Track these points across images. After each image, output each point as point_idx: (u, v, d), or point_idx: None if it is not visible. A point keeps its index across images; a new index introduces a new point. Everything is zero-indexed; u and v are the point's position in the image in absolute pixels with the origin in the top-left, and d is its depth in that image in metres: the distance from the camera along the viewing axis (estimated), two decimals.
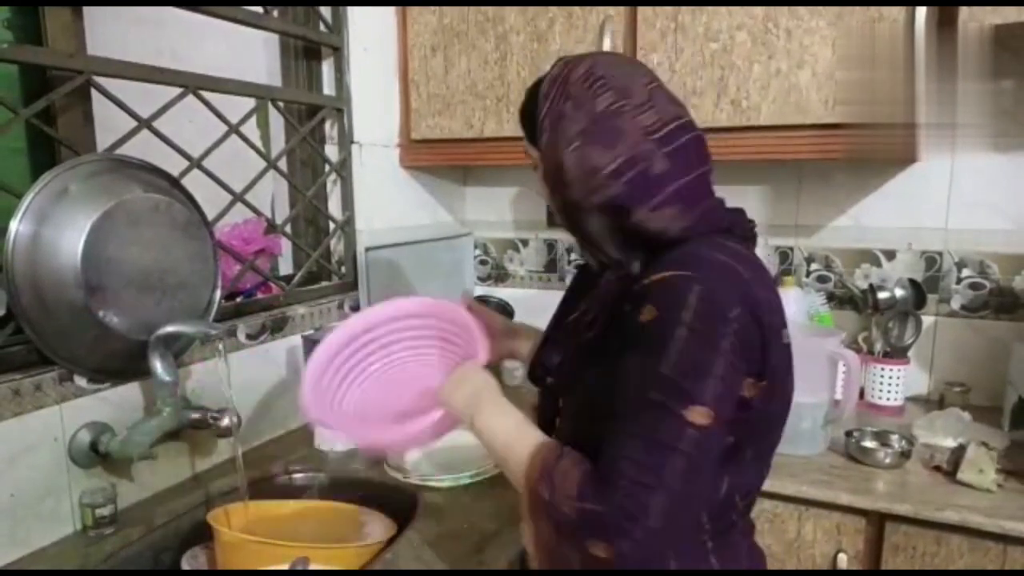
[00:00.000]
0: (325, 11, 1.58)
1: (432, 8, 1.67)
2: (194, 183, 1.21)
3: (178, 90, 1.23)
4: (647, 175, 0.76)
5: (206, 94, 1.28)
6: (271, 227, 1.50)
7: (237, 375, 1.28)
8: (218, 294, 1.23)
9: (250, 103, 1.42)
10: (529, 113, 0.84)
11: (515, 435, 0.80)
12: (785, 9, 1.35)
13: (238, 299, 1.43)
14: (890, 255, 1.67)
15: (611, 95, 0.78)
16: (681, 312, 0.69)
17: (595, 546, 0.68)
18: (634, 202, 0.76)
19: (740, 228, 0.84)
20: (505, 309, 1.96)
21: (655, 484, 0.67)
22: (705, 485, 0.73)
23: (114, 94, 1.13)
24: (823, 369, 1.29)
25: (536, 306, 1.63)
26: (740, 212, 0.86)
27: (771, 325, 0.74)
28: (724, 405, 0.70)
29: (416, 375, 0.99)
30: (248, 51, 1.61)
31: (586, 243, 0.83)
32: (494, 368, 0.97)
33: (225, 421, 1.11)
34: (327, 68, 1.63)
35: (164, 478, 1.20)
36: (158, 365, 1.08)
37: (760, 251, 1.83)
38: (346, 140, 1.64)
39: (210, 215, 1.24)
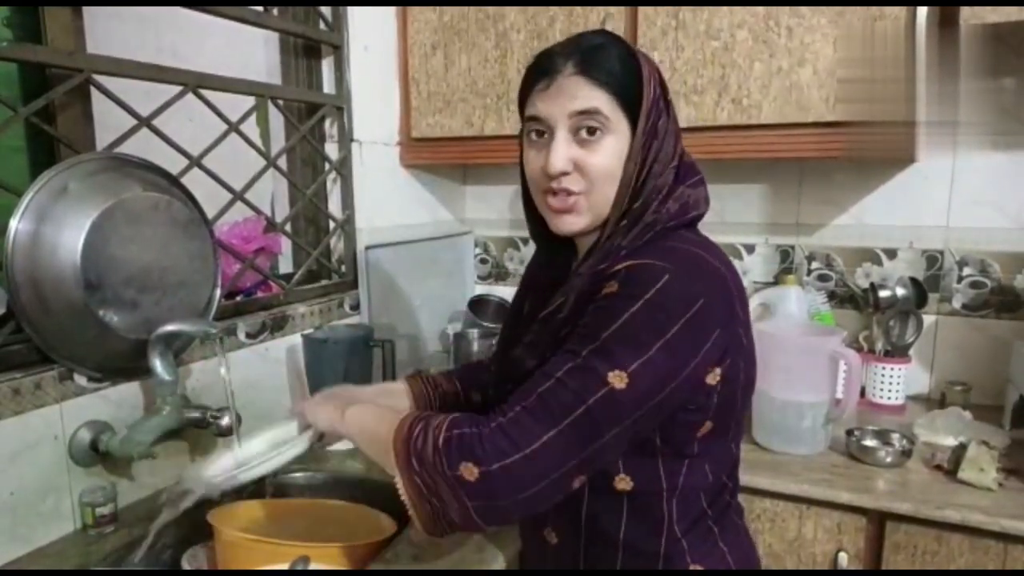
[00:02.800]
0: (325, 9, 1.57)
1: (432, 6, 1.67)
2: (194, 181, 1.21)
3: (178, 88, 1.23)
4: (683, 163, 0.82)
5: (206, 92, 1.28)
6: (271, 226, 1.49)
7: (237, 374, 1.28)
8: (218, 293, 1.23)
9: (250, 101, 1.41)
10: (626, 73, 0.78)
11: (384, 414, 0.81)
12: (786, 7, 1.35)
13: (238, 298, 1.43)
14: (891, 254, 1.67)
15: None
16: (642, 293, 0.71)
17: (465, 468, 0.68)
18: (677, 184, 0.81)
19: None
20: (505, 308, 1.96)
21: (548, 422, 0.69)
22: (598, 448, 0.71)
23: (114, 92, 1.12)
24: (824, 368, 1.29)
25: None
26: None
27: (737, 308, 0.78)
28: (645, 382, 0.69)
29: None
30: (248, 49, 1.61)
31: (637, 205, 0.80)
32: None
33: (225, 420, 1.11)
34: (327, 66, 1.62)
35: (164, 477, 1.20)
36: (158, 364, 1.08)
37: (761, 249, 1.85)
38: (346, 138, 1.63)
39: (210, 214, 1.24)
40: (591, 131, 0.77)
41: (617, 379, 0.68)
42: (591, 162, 0.77)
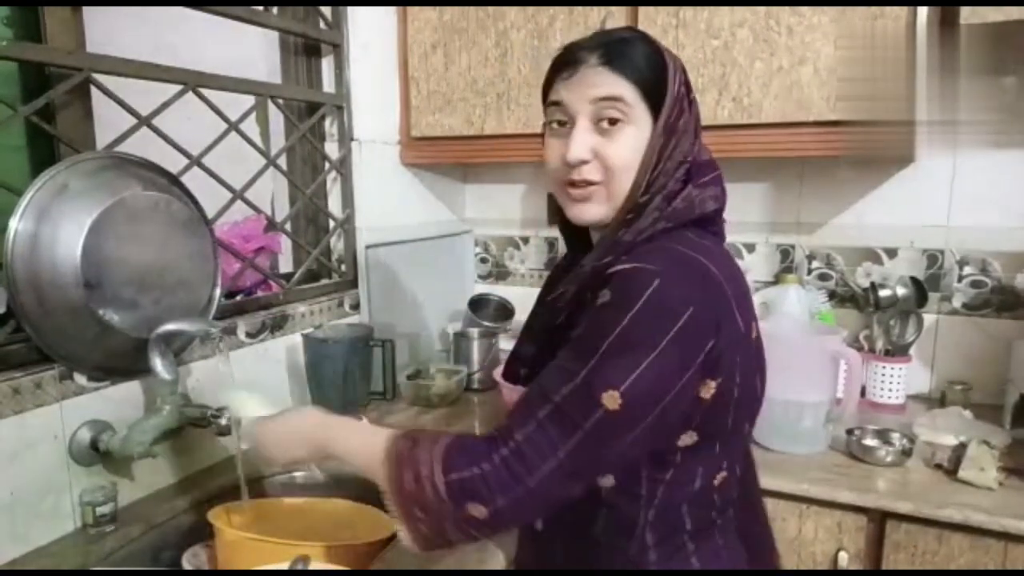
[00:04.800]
0: (325, 8, 1.57)
1: (432, 6, 1.67)
2: (194, 181, 1.21)
3: (178, 87, 1.23)
4: (696, 163, 0.81)
5: (206, 91, 1.28)
6: (271, 225, 1.49)
7: (237, 373, 1.28)
8: (218, 292, 1.23)
9: (250, 100, 1.41)
10: (653, 67, 0.79)
11: (370, 443, 0.79)
12: (787, 6, 1.35)
13: (238, 297, 1.43)
14: (892, 253, 1.67)
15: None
16: (632, 302, 0.70)
17: (473, 508, 0.69)
18: (686, 183, 0.80)
19: (720, 225, 0.86)
20: (505, 307, 1.96)
21: (549, 452, 0.69)
22: (598, 468, 0.74)
23: (113, 91, 1.12)
24: (824, 367, 1.29)
25: None
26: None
27: (736, 323, 0.75)
28: (637, 401, 0.69)
29: None
30: (248, 48, 1.61)
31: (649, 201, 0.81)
32: None
33: (225, 419, 1.11)
34: (327, 65, 1.62)
35: (164, 476, 1.20)
36: (158, 363, 1.08)
37: (761, 248, 1.85)
38: (346, 137, 1.63)
39: (210, 213, 1.24)
40: (612, 121, 0.77)
41: (610, 400, 0.68)
42: (610, 152, 0.78)
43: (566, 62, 0.80)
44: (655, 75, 0.78)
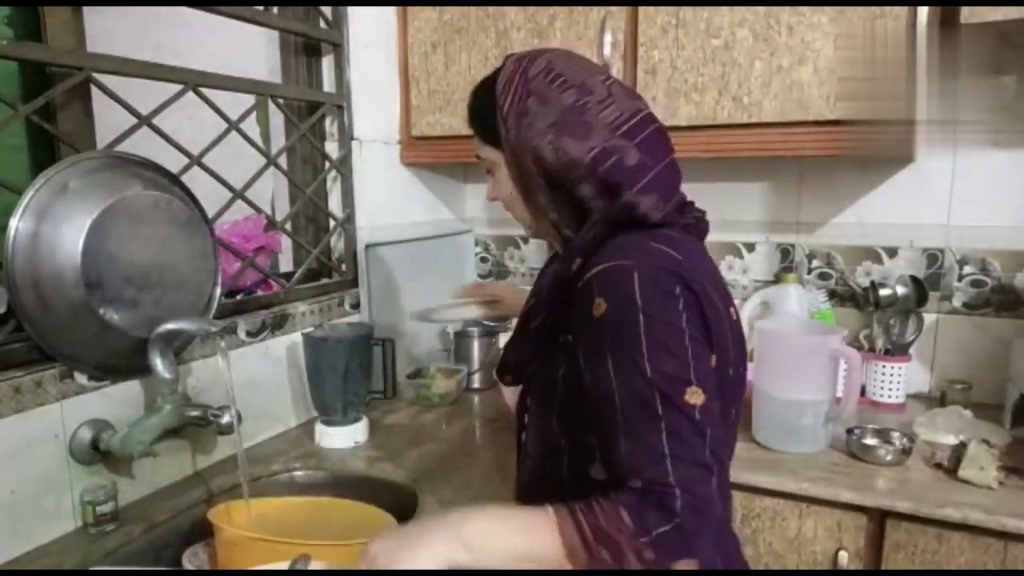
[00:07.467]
0: (326, 8, 1.57)
1: (433, 5, 1.67)
2: (194, 180, 1.21)
3: (178, 87, 1.23)
4: (621, 166, 0.77)
5: (206, 91, 1.28)
6: (271, 224, 1.50)
7: (237, 372, 1.28)
8: (218, 291, 1.23)
9: (250, 100, 1.41)
10: (481, 113, 0.87)
11: (514, 532, 0.70)
12: (787, 6, 1.35)
13: (238, 296, 1.43)
14: (892, 252, 1.67)
15: (574, 92, 0.80)
16: (631, 301, 0.70)
17: (685, 563, 0.71)
18: (621, 185, 0.77)
19: (696, 225, 0.86)
20: None
21: (700, 471, 0.67)
22: (727, 446, 0.76)
23: (114, 91, 1.12)
24: (824, 366, 1.29)
25: None
26: (693, 207, 0.87)
27: (713, 300, 0.76)
28: (705, 377, 0.71)
29: None
30: (248, 47, 1.61)
31: (559, 221, 0.84)
32: None
33: (226, 418, 1.11)
34: (327, 64, 1.62)
35: (165, 475, 1.21)
36: (158, 362, 1.08)
37: (761, 248, 1.85)
38: (346, 137, 1.63)
39: (210, 212, 1.24)
40: (488, 171, 0.91)
41: (694, 396, 0.69)
42: (496, 193, 0.91)
43: None
44: (485, 113, 0.86)
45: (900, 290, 1.58)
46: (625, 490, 0.68)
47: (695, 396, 0.69)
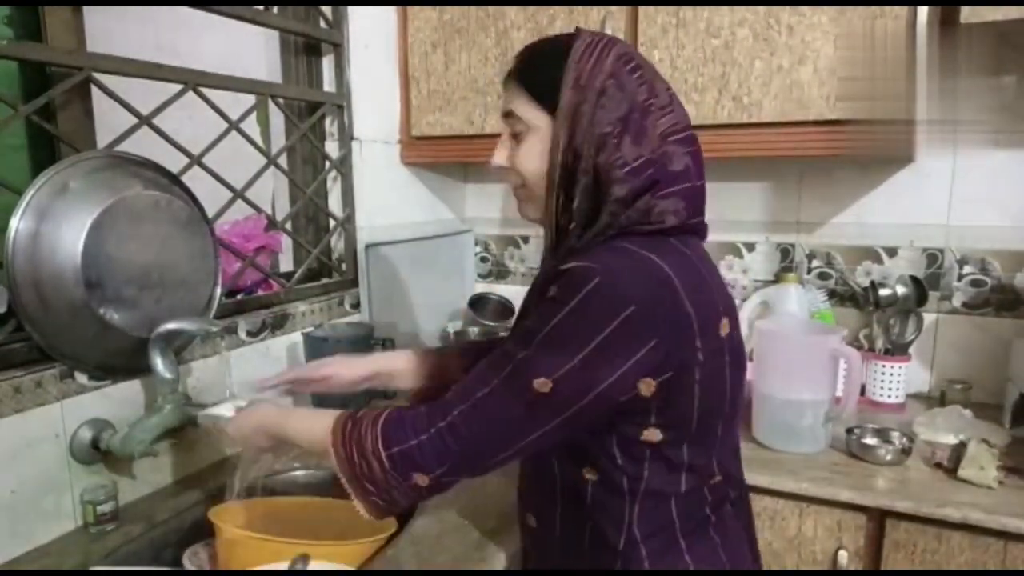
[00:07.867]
0: (326, 8, 1.57)
1: (433, 5, 1.67)
2: (194, 180, 1.21)
3: (178, 87, 1.23)
4: (663, 171, 0.78)
5: (206, 91, 1.28)
6: (271, 224, 1.50)
7: (238, 372, 1.28)
8: (218, 291, 1.23)
9: (250, 100, 1.41)
10: (543, 71, 0.80)
11: (319, 426, 0.84)
12: (787, 6, 1.35)
13: (239, 296, 1.43)
14: (891, 252, 1.67)
15: (645, 89, 0.79)
16: (570, 298, 0.72)
17: (417, 477, 0.76)
18: (654, 186, 0.78)
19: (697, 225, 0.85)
20: (505, 306, 1.96)
21: (481, 426, 0.75)
22: (526, 444, 0.76)
23: (114, 91, 1.12)
24: (824, 366, 1.29)
25: None
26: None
27: (690, 323, 0.74)
28: (567, 389, 0.72)
29: None
30: (248, 47, 1.61)
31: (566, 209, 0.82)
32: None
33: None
34: (327, 64, 1.62)
35: (165, 475, 1.21)
36: (159, 362, 1.08)
37: (761, 248, 1.84)
38: (346, 136, 1.63)
39: (210, 212, 1.24)
40: (515, 135, 0.84)
41: (542, 385, 0.72)
42: (517, 161, 0.84)
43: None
44: (548, 73, 0.79)
45: (900, 290, 1.58)
46: (414, 402, 0.79)
47: (542, 385, 0.72)
